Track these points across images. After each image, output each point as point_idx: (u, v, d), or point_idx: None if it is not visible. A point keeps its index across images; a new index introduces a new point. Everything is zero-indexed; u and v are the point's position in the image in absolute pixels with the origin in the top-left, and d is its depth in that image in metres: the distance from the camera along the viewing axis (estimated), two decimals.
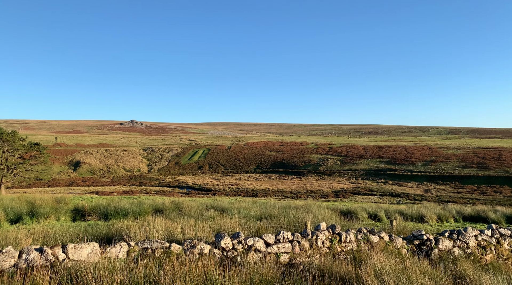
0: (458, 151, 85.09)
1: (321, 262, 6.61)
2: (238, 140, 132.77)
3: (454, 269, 6.63)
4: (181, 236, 8.00)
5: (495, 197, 52.19)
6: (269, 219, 12.04)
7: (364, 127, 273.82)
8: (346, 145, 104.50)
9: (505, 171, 66.70)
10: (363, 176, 75.37)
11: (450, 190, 59.11)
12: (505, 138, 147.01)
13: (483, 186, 60.06)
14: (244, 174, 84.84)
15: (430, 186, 63.21)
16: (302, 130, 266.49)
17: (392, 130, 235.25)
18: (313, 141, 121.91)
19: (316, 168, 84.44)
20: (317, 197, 55.83)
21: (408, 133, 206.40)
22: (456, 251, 8.30)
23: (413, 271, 5.92)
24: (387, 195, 57.21)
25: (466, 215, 20.70)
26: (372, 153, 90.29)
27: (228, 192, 60.09)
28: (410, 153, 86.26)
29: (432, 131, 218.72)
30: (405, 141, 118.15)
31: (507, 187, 58.54)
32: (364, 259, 6.63)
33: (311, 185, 68.23)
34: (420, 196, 54.24)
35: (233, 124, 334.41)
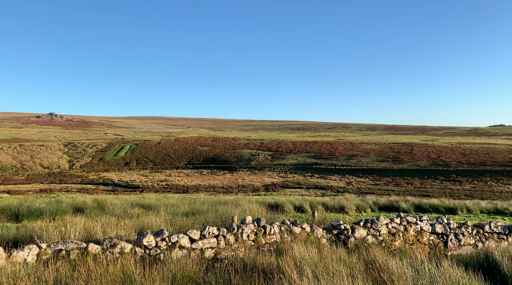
0: (376, 146, 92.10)
1: (245, 255, 6.74)
2: (168, 135, 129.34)
3: (366, 256, 7.19)
4: (101, 235, 7.61)
5: (407, 188, 57.52)
6: (197, 215, 11.95)
7: (293, 123, 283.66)
8: (276, 140, 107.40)
9: (416, 164, 73.84)
10: (291, 170, 78.13)
11: (369, 183, 63.83)
12: (416, 134, 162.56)
13: (397, 178, 65.82)
14: (175, 170, 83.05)
15: (352, 179, 67.62)
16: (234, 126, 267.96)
17: (319, 126, 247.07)
18: (245, 136, 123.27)
19: (247, 163, 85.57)
20: (248, 192, 56.62)
21: (333, 129, 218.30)
22: (369, 239, 9.01)
23: (330, 259, 6.30)
24: (313, 188, 59.95)
25: (382, 205, 22.55)
26: (300, 148, 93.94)
27: (157, 189, 58.37)
28: (334, 148, 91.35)
29: (353, 127, 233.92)
30: (330, 137, 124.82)
31: (417, 178, 64.86)
32: (286, 250, 6.90)
33: (243, 180, 69.02)
34: (343, 188, 57.75)
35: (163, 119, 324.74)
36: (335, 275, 5.50)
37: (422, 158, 77.45)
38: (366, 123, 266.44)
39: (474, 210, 20.89)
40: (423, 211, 21.85)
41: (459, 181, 61.68)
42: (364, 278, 5.50)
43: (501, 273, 7.18)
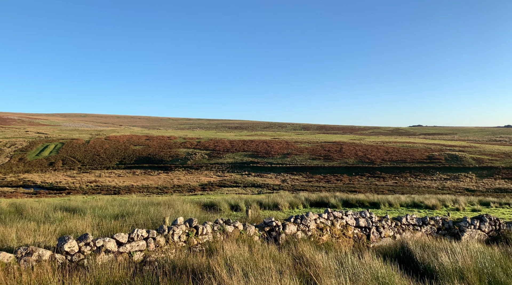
0: (309, 145, 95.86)
1: (176, 257, 6.62)
2: (98, 133, 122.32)
3: (295, 251, 7.46)
4: (15, 243, 6.98)
5: (337, 184, 60.69)
6: (127, 217, 11.48)
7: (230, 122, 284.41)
8: (214, 139, 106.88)
9: (345, 162, 78.17)
10: (229, 169, 78.30)
11: (303, 180, 66.24)
12: (345, 134, 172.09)
13: (328, 175, 69.13)
14: (105, 170, 78.83)
15: (287, 176, 69.64)
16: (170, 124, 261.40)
17: (256, 125, 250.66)
18: (181, 135, 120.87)
19: (184, 162, 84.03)
20: (184, 192, 55.62)
21: (269, 129, 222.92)
22: (299, 234, 9.35)
23: (260, 256, 6.43)
24: (250, 186, 60.68)
25: (313, 201, 23.52)
26: (238, 147, 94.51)
27: (86, 191, 54.97)
28: (271, 147, 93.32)
29: (288, 127, 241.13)
30: (266, 136, 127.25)
31: (346, 175, 68.70)
32: (217, 249, 6.91)
33: (179, 180, 67.64)
34: (278, 186, 59.24)
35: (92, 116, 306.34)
36: (265, 272, 5.63)
37: (350, 156, 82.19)
38: (300, 123, 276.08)
39: (395, 204, 22.65)
40: (350, 206, 23.19)
41: (383, 177, 66.49)
42: (292, 273, 5.70)
43: (414, 261, 7.89)
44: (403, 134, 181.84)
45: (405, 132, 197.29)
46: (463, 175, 65.48)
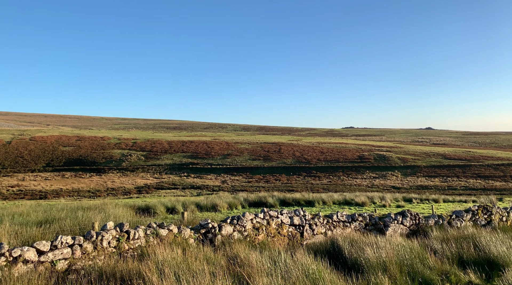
0: (249, 145, 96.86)
1: (104, 264, 6.30)
2: (22, 133, 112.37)
3: (230, 252, 7.47)
4: None
5: (276, 184, 62.02)
6: (52, 224, 10.68)
7: (169, 122, 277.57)
8: (151, 140, 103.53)
9: (283, 162, 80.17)
10: (167, 170, 76.33)
11: (243, 180, 66.71)
12: (284, 134, 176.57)
13: (267, 176, 70.39)
14: (30, 173, 72.65)
15: (227, 177, 69.65)
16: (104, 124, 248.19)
17: (195, 126, 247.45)
18: (115, 135, 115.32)
19: (118, 164, 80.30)
20: (118, 195, 53.13)
21: (209, 129, 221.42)
22: (236, 235, 9.39)
23: (194, 258, 6.35)
24: (189, 188, 59.71)
25: (251, 201, 23.81)
26: (176, 148, 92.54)
27: (7, 196, 50.18)
28: (211, 148, 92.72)
29: (229, 127, 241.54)
30: (206, 137, 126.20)
31: (284, 175, 70.47)
32: (149, 254, 6.70)
33: (113, 183, 64.49)
34: (218, 187, 59.02)
35: (15, 115, 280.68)
36: (198, 274, 5.56)
37: (288, 156, 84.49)
38: (241, 124, 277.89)
39: (328, 202, 23.72)
40: (287, 204, 23.85)
41: (318, 176, 69.27)
42: (225, 274, 5.71)
43: (343, 256, 8.31)
44: (336, 135, 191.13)
45: (339, 133, 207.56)
46: (390, 174, 70.45)
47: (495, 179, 64.66)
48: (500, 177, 66.51)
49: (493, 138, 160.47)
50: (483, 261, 8.53)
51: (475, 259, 8.66)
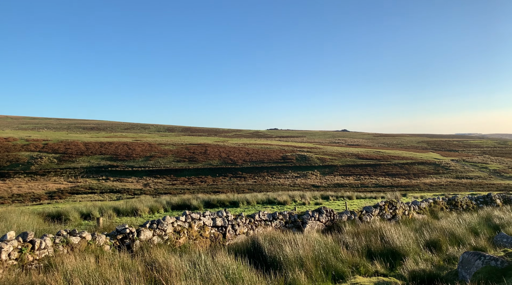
0: (174, 147, 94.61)
1: (3, 278, 5.67)
2: None
3: (149, 257, 7.22)
4: None
5: (201, 186, 61.45)
6: None
7: (85, 122, 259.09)
8: (65, 141, 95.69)
9: (209, 163, 79.75)
10: (83, 174, 71.20)
11: (166, 183, 64.89)
12: (210, 136, 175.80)
13: (193, 177, 69.44)
14: None
15: (149, 180, 67.17)
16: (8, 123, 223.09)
17: (115, 126, 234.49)
18: (23, 136, 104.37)
19: (26, 167, 72.79)
20: (26, 201, 48.18)
21: (131, 130, 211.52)
22: (156, 240, 9.10)
23: (108, 266, 6.02)
24: (108, 192, 56.41)
25: (175, 204, 23.24)
26: (94, 150, 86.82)
27: None
28: (132, 149, 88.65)
29: (152, 128, 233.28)
30: (127, 138, 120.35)
31: (210, 176, 70.14)
32: (57, 264, 6.19)
33: (19, 188, 58.29)
34: (140, 191, 56.68)
35: None
36: (111, 282, 5.29)
37: (214, 157, 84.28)
38: (165, 124, 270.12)
39: (252, 202, 24.16)
40: (212, 206, 23.75)
41: (244, 177, 70.22)
42: (142, 279, 5.51)
43: (263, 254, 8.53)
44: (261, 136, 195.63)
45: (264, 134, 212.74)
46: (310, 173, 74.10)
47: (401, 177, 71.63)
48: (405, 174, 73.85)
49: (399, 139, 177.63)
50: (388, 252, 9.39)
51: (382, 250, 9.49)
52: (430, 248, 9.83)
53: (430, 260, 8.83)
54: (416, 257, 8.90)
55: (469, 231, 11.56)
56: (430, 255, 9.35)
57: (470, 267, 6.96)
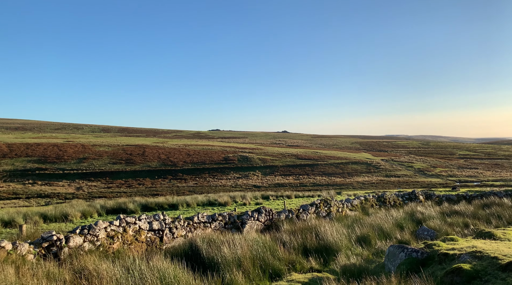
0: (110, 148, 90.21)
1: None
2: None
3: (78, 264, 6.81)
4: None
5: (139, 188, 59.26)
6: None
7: (9, 122, 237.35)
8: None
9: (148, 165, 77.19)
10: (6, 178, 65.11)
11: (101, 186, 61.64)
12: (149, 136, 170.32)
13: (130, 180, 66.71)
14: None
15: (83, 183, 63.34)
16: None
17: (44, 126, 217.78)
18: None
19: None
20: None
21: (62, 130, 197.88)
22: (86, 246, 8.61)
23: (31, 276, 5.58)
24: (35, 197, 52.19)
25: (110, 208, 22.16)
26: (19, 152, 79.84)
27: None
28: (63, 151, 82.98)
29: (86, 128, 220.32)
30: (58, 138, 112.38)
31: (148, 179, 67.89)
32: None
33: None
34: (72, 195, 53.23)
35: None
36: None
37: (153, 159, 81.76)
38: (100, 125, 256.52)
39: (192, 204, 23.82)
40: (150, 209, 23.02)
41: (185, 178, 68.99)
42: None
43: (201, 256, 8.45)
44: (203, 137, 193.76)
45: (205, 135, 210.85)
46: (252, 174, 74.89)
47: (336, 176, 75.13)
48: (340, 174, 77.58)
49: (335, 140, 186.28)
50: (322, 248, 9.79)
51: (317, 247, 9.88)
52: (361, 243, 10.43)
53: (360, 254, 9.36)
54: (348, 252, 9.38)
55: (396, 226, 12.45)
56: (360, 249, 9.92)
57: (395, 260, 7.47)
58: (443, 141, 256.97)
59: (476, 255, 6.14)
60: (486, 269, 5.55)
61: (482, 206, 15.75)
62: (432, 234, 11.13)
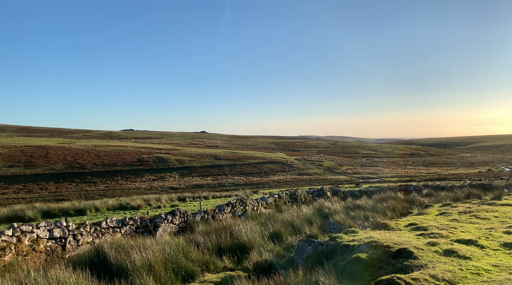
0: (5, 150, 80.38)
1: None
2: None
3: None
4: None
5: (41, 194, 53.77)
6: None
7: None
8: None
9: (52, 168, 70.45)
10: None
11: None
12: (53, 137, 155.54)
13: (30, 184, 60.21)
14: None
15: None
16: None
17: None
18: None
19: None
20: None
21: None
22: None
23: None
24: None
25: (3, 217, 19.77)
26: None
27: None
28: None
29: None
30: None
31: (52, 183, 61.98)
32: None
33: None
34: None
35: None
36: None
37: (58, 161, 74.93)
38: None
39: (102, 208, 22.37)
40: (54, 216, 21.07)
41: (94, 182, 64.45)
42: None
43: (109, 264, 7.96)
44: (115, 138, 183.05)
45: (118, 136, 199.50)
46: (168, 175, 72.94)
47: (254, 175, 76.91)
48: (257, 173, 79.60)
49: (253, 140, 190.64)
50: (236, 247, 9.92)
51: (231, 246, 9.97)
52: (273, 240, 10.80)
53: (272, 250, 9.69)
54: (261, 249, 9.64)
55: (306, 221, 13.16)
56: (273, 246, 10.27)
57: (303, 253, 7.89)
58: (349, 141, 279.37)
59: (372, 245, 6.76)
60: (379, 257, 6.14)
61: (380, 200, 17.44)
62: (337, 228, 11.99)
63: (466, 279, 4.70)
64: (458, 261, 5.45)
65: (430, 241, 6.62)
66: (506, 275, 4.77)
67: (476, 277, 4.79)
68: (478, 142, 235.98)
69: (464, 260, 5.51)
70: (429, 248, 6.13)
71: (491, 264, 5.29)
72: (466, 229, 8.07)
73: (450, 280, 4.62)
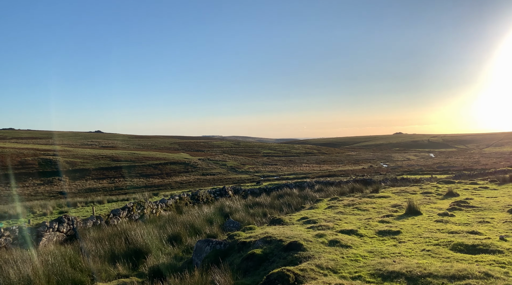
0: None
1: None
2: None
3: None
4: None
5: None
6: None
7: None
8: None
9: None
10: None
11: None
12: None
13: None
14: None
15: None
16: None
17: None
18: None
19: None
20: None
21: None
22: None
23: None
24: None
25: None
26: None
27: None
28: None
29: None
30: None
31: None
32: None
33: None
34: None
35: None
36: None
37: None
38: None
39: None
40: None
41: None
42: None
43: None
44: None
45: None
46: (57, 179, 66.16)
47: (155, 177, 74.27)
48: (158, 174, 77.05)
49: (154, 141, 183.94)
50: (132, 252, 9.44)
51: (126, 252, 9.46)
52: (172, 242, 10.56)
53: (171, 253, 9.46)
54: (159, 253, 9.35)
55: (206, 221, 13.16)
56: (171, 248, 10.03)
57: (201, 254, 7.86)
58: (251, 141, 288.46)
59: (267, 240, 7.04)
60: (273, 251, 6.43)
61: (278, 197, 18.36)
62: (237, 225, 12.25)
63: (346, 265, 5.20)
64: (341, 250, 6.00)
65: (318, 233, 7.16)
66: (378, 259, 5.41)
67: (354, 263, 5.33)
68: (362, 141, 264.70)
69: (345, 249, 6.10)
70: (317, 240, 6.63)
71: (367, 251, 5.95)
72: (349, 220, 8.93)
73: (333, 268, 5.06)
